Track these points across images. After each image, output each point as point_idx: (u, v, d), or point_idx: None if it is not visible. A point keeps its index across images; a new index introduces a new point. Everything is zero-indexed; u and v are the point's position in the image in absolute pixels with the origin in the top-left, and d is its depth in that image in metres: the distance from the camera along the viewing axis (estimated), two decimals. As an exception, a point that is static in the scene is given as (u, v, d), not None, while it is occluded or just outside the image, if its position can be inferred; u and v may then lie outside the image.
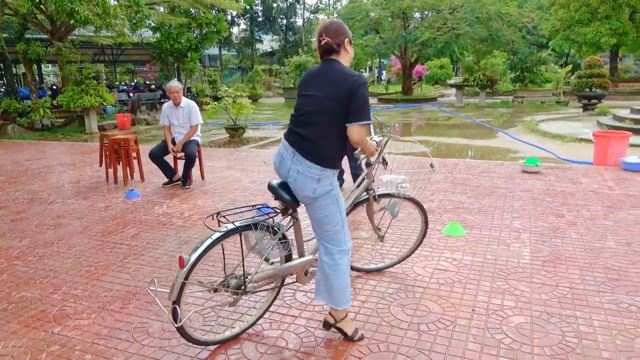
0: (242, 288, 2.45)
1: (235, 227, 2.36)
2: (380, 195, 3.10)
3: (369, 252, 3.76)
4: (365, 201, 3.07)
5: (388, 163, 2.98)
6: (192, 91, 21.16)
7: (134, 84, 24.12)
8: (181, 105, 6.06)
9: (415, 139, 10.93)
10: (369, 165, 2.96)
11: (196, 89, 21.32)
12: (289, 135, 2.44)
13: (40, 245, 4.14)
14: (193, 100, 6.28)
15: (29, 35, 15.12)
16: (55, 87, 19.87)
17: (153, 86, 21.51)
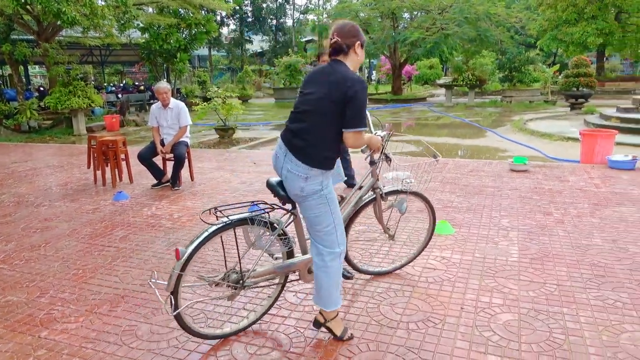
0: (241, 282, 2.49)
1: (230, 221, 2.39)
2: (388, 193, 3.08)
3: (380, 253, 3.77)
4: (372, 201, 3.04)
5: (392, 160, 2.96)
6: (182, 92, 21.03)
7: (122, 85, 23.87)
8: (170, 106, 6.02)
9: (406, 138, 10.98)
10: (372, 163, 2.94)
11: (186, 90, 21.20)
12: (284, 134, 2.46)
13: (26, 248, 4.09)
14: (182, 101, 6.25)
15: (15, 36, 14.94)
16: (42, 89, 19.62)
17: (142, 87, 21.29)
